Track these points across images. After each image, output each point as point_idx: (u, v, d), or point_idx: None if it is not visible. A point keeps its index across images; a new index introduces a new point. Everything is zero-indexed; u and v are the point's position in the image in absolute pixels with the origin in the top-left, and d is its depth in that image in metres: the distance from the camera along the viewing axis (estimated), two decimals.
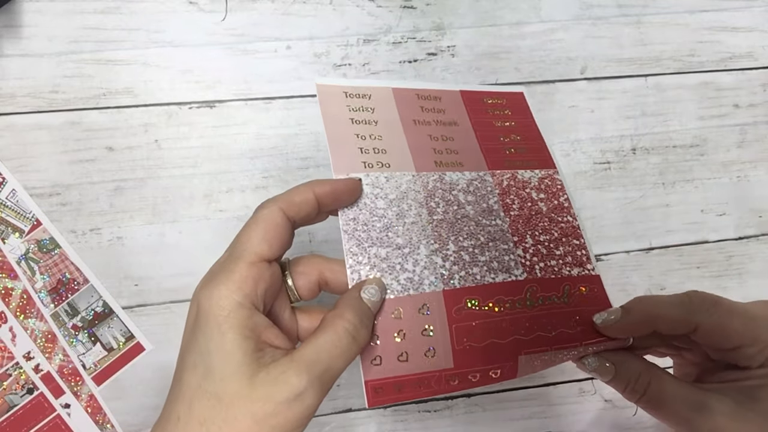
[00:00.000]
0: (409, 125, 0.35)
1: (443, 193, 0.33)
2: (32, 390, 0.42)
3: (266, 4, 0.47)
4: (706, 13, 0.51)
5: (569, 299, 0.33)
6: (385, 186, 0.32)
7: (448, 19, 0.48)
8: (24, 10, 0.44)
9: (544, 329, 0.31)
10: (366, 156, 0.33)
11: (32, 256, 0.43)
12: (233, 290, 0.26)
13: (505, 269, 0.32)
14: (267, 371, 0.25)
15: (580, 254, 0.34)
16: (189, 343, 0.27)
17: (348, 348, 0.27)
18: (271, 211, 0.28)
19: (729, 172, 0.50)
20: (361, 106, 0.34)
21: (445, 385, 0.30)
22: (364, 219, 0.31)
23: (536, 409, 0.47)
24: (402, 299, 0.30)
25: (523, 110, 0.39)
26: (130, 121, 0.45)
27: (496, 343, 0.30)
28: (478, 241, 0.32)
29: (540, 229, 0.34)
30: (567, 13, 0.50)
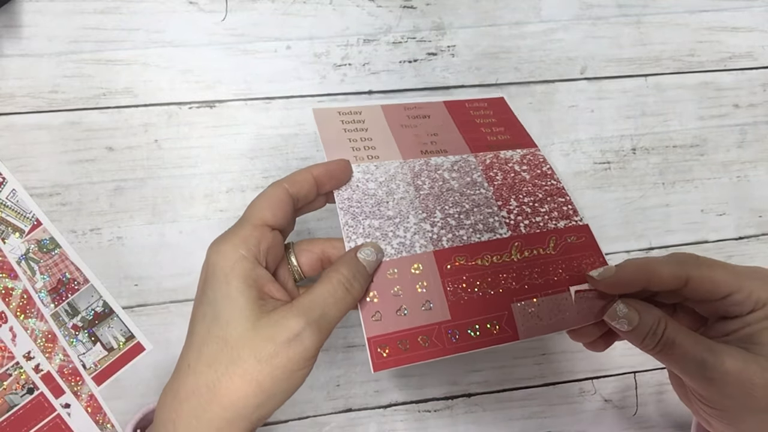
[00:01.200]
0: (396, 129, 0.39)
1: (429, 172, 0.37)
2: (32, 390, 0.42)
3: (266, 4, 0.47)
4: (706, 13, 0.51)
5: (556, 249, 0.35)
6: (375, 172, 0.36)
7: (448, 19, 0.48)
8: (24, 10, 0.44)
9: (531, 277, 0.34)
10: (357, 152, 0.37)
11: (32, 256, 0.43)
12: (238, 245, 0.29)
13: (490, 229, 0.35)
14: (269, 317, 0.28)
15: (567, 209, 0.36)
16: (200, 297, 0.30)
17: (342, 298, 0.30)
18: (275, 187, 0.32)
19: (729, 172, 0.50)
20: (353, 120, 0.39)
21: (447, 343, 0.32)
22: (357, 198, 0.35)
23: (536, 409, 0.47)
24: (396, 260, 0.33)
25: (505, 110, 0.43)
26: (130, 121, 0.45)
27: (488, 293, 0.33)
28: (463, 208, 0.35)
29: (524, 193, 0.37)
30: (567, 13, 0.50)
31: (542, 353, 0.47)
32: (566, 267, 0.34)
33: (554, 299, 0.33)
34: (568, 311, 0.33)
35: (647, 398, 0.48)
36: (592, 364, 0.47)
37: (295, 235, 0.47)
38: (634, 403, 0.48)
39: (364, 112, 0.40)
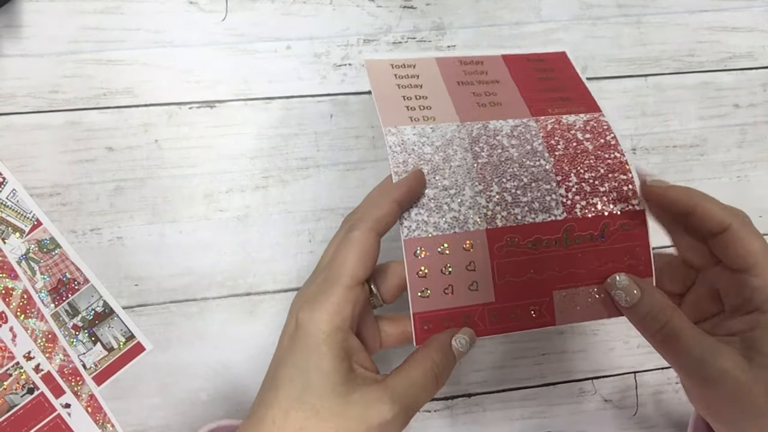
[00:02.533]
0: (452, 86, 0.37)
1: (487, 138, 0.35)
2: (32, 390, 0.42)
3: (266, 4, 0.47)
4: (706, 13, 0.51)
5: (606, 237, 0.34)
6: (431, 135, 0.34)
7: (448, 19, 0.48)
8: (24, 10, 0.44)
9: (576, 266, 0.33)
10: (412, 112, 0.35)
11: (32, 256, 0.43)
12: (332, 314, 0.29)
13: (546, 209, 0.34)
14: (361, 394, 0.28)
15: (626, 189, 0.35)
16: (286, 356, 0.30)
17: (431, 387, 0.30)
18: (363, 233, 0.30)
19: (729, 172, 0.50)
20: (406, 74, 0.37)
21: (488, 323, 0.32)
22: (412, 162, 0.33)
23: (536, 409, 0.47)
24: (448, 236, 0.32)
25: (567, 67, 0.40)
26: (130, 121, 0.45)
27: (533, 278, 0.33)
28: (521, 182, 0.34)
29: (585, 167, 0.35)
30: (567, 13, 0.50)
31: (542, 353, 0.47)
32: (613, 256, 0.34)
33: (594, 289, 0.33)
34: (608, 302, 0.33)
35: (647, 398, 0.48)
36: (592, 364, 0.47)
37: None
38: (634, 403, 0.48)
39: (418, 65, 0.38)
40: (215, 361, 0.44)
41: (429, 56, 0.39)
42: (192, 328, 0.44)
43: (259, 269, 0.45)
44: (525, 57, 0.40)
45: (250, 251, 0.45)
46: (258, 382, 0.42)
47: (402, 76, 0.37)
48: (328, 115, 0.46)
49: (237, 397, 0.44)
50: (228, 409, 0.44)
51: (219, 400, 0.44)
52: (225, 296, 0.44)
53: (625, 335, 0.48)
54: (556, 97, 0.38)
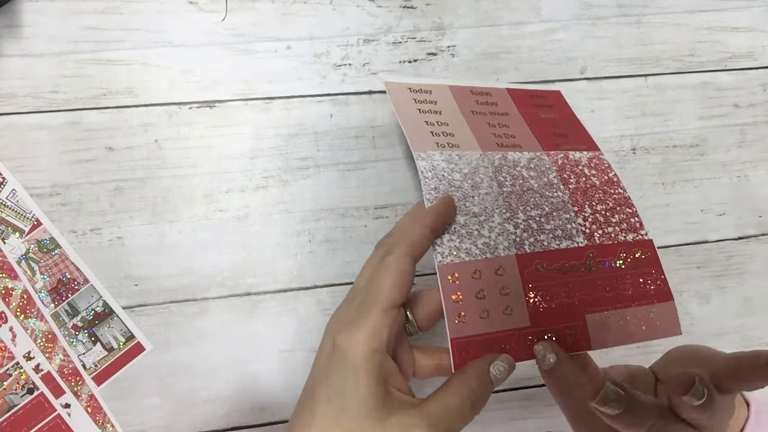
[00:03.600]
0: (468, 115, 0.39)
1: (509, 168, 0.37)
2: (32, 390, 0.42)
3: (266, 4, 0.47)
4: (706, 13, 0.51)
5: (625, 263, 0.35)
6: (459, 162, 0.36)
7: (448, 19, 0.48)
8: (24, 10, 0.44)
9: (604, 290, 0.34)
10: (437, 138, 0.36)
11: (32, 256, 0.43)
12: (370, 337, 0.29)
13: (568, 236, 0.35)
14: (397, 418, 0.28)
15: (634, 221, 0.37)
16: (322, 376, 0.30)
17: (468, 414, 0.30)
18: (399, 258, 0.31)
19: (729, 172, 0.50)
20: (425, 99, 0.39)
21: (524, 348, 0.32)
22: (444, 189, 0.34)
23: (536, 409, 0.47)
24: (480, 262, 0.33)
25: (563, 104, 0.43)
26: (130, 121, 0.45)
27: (565, 302, 0.33)
28: (543, 211, 0.35)
29: (596, 200, 0.37)
30: (567, 13, 0.50)
31: None
32: (633, 282, 0.35)
33: (621, 314, 0.34)
34: (633, 327, 0.34)
35: None
36: None
37: None
38: None
39: (434, 91, 0.39)
40: (215, 361, 0.44)
41: (442, 84, 0.40)
42: (192, 328, 0.44)
43: (259, 269, 0.45)
44: (525, 92, 0.43)
45: (250, 251, 0.45)
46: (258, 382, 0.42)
47: (421, 101, 0.39)
48: (328, 115, 0.46)
49: (237, 397, 0.44)
50: (228, 409, 0.44)
51: (219, 400, 0.44)
52: (225, 296, 0.44)
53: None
54: (560, 133, 0.40)
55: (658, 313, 0.35)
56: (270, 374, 0.44)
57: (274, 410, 0.44)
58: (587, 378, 0.32)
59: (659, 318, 0.35)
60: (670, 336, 0.35)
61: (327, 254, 0.45)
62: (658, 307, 0.35)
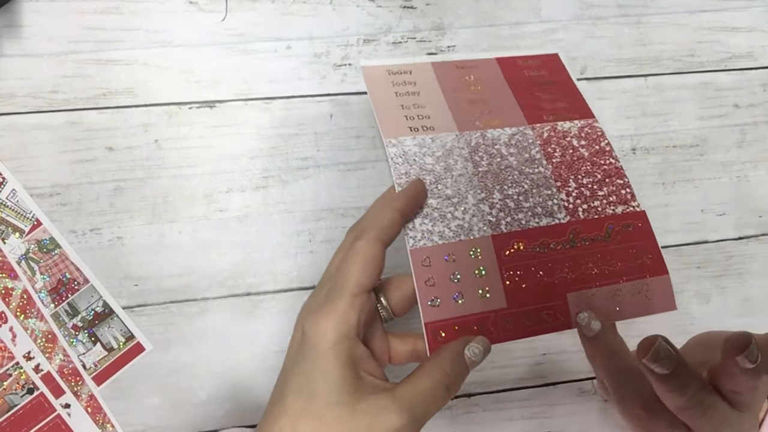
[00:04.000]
0: (449, 93, 0.38)
1: (486, 147, 0.36)
2: (32, 390, 0.42)
3: (266, 4, 0.47)
4: (706, 13, 0.51)
5: (612, 237, 0.34)
6: (431, 145, 0.35)
7: (448, 19, 0.48)
8: (24, 10, 0.44)
9: (588, 267, 0.33)
10: (411, 122, 0.36)
11: (32, 256, 0.43)
12: (338, 322, 0.29)
13: (549, 213, 0.34)
14: (369, 402, 0.28)
15: (624, 192, 0.36)
16: (293, 366, 0.29)
17: (442, 397, 0.29)
18: (368, 243, 0.30)
19: (729, 172, 0.50)
20: (403, 81, 0.38)
21: (501, 329, 0.32)
22: (414, 173, 0.34)
23: (536, 409, 0.47)
24: (455, 244, 0.32)
25: (559, 69, 0.41)
26: (130, 121, 0.45)
27: (544, 281, 0.33)
28: (522, 189, 0.35)
29: (583, 173, 0.36)
30: (567, 13, 0.50)
31: (542, 353, 0.47)
32: (622, 257, 0.34)
33: (609, 290, 0.33)
34: (622, 303, 0.33)
35: None
36: None
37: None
38: None
39: (414, 71, 0.38)
40: (215, 361, 0.44)
41: (425, 61, 0.39)
42: (192, 328, 0.44)
43: (259, 269, 0.45)
44: (518, 59, 0.41)
45: (250, 251, 0.45)
46: (258, 382, 0.42)
47: (399, 83, 0.37)
48: (328, 115, 0.46)
49: (237, 397, 0.44)
50: (228, 409, 0.44)
51: (219, 400, 0.44)
52: (225, 296, 0.44)
53: (625, 335, 0.48)
54: (551, 102, 0.39)
55: (651, 288, 0.34)
56: (270, 374, 0.44)
57: None
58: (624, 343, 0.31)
59: (652, 293, 0.34)
60: (663, 311, 0.34)
61: (327, 254, 0.45)
62: (652, 282, 0.34)
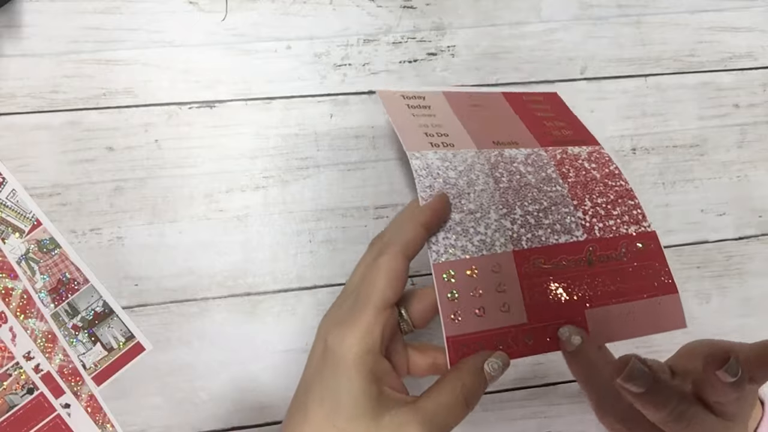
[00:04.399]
0: (463, 116, 0.39)
1: (505, 165, 0.36)
2: (32, 390, 0.42)
3: (266, 4, 0.47)
4: (706, 13, 0.51)
5: (627, 256, 0.35)
6: (453, 160, 0.35)
7: (448, 19, 0.48)
8: (24, 10, 0.44)
9: (605, 284, 0.34)
10: (431, 138, 0.36)
11: (32, 256, 0.43)
12: (362, 337, 0.29)
13: (567, 231, 0.35)
14: (391, 417, 0.28)
15: (636, 213, 0.37)
16: (315, 377, 0.30)
17: (461, 411, 0.29)
18: (393, 258, 0.30)
19: (729, 172, 0.50)
20: (418, 105, 0.39)
21: (522, 345, 0.32)
22: (438, 187, 0.34)
23: (536, 409, 0.47)
24: (476, 259, 0.33)
25: (561, 105, 0.43)
26: (130, 121, 0.45)
27: (563, 298, 0.33)
28: (541, 206, 0.35)
29: (597, 193, 0.37)
30: (567, 13, 0.50)
31: None
32: (636, 275, 0.35)
33: (623, 308, 0.34)
34: (635, 320, 0.34)
35: None
36: None
37: None
38: None
39: (427, 97, 0.39)
40: (215, 361, 0.44)
41: (436, 90, 0.40)
42: (192, 328, 0.44)
43: (259, 269, 0.45)
44: (521, 95, 0.42)
45: (250, 251, 0.45)
46: (258, 382, 0.42)
47: (414, 106, 0.38)
48: (328, 115, 0.46)
49: (237, 397, 0.44)
50: (228, 409, 0.44)
51: (219, 399, 0.44)
52: (225, 296, 0.44)
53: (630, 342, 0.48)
54: (558, 130, 0.40)
55: (662, 306, 0.34)
56: (270, 374, 0.44)
57: (274, 410, 0.44)
58: (610, 359, 0.32)
59: (663, 311, 0.34)
60: (674, 329, 0.35)
61: (327, 254, 0.45)
62: (663, 300, 0.34)
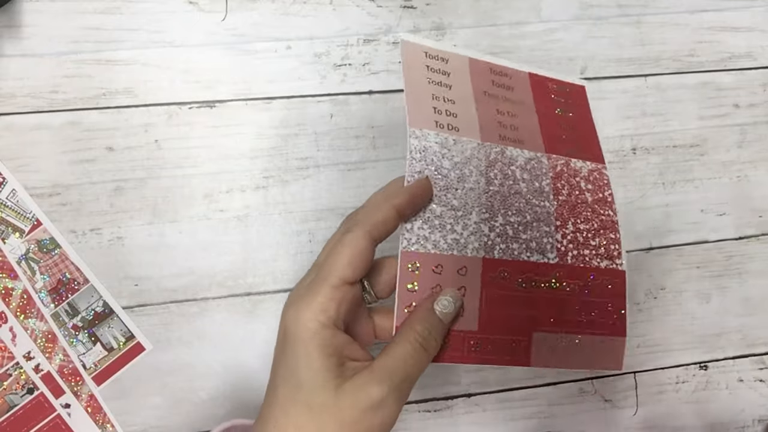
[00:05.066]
0: (479, 96, 0.37)
1: (502, 166, 0.35)
2: (32, 390, 0.42)
3: (266, 4, 0.47)
4: (706, 13, 0.51)
5: (590, 290, 0.34)
6: (453, 148, 0.34)
7: (448, 19, 0.48)
8: (24, 10, 0.44)
9: (559, 312, 0.33)
10: (438, 116, 0.34)
11: (32, 256, 0.43)
12: (317, 312, 0.29)
13: (541, 251, 0.34)
14: (351, 382, 0.28)
15: (613, 248, 0.36)
16: (279, 358, 0.30)
17: (421, 358, 0.30)
18: (357, 236, 0.30)
19: (729, 172, 0.50)
20: (439, 69, 0.36)
21: (465, 351, 0.32)
22: (428, 174, 0.33)
23: (536, 409, 0.47)
24: (445, 257, 0.32)
25: (583, 104, 0.41)
26: (130, 121, 0.45)
27: (516, 315, 0.33)
28: (524, 219, 0.34)
29: (582, 218, 0.36)
30: (567, 13, 0.50)
31: None
32: (593, 310, 0.34)
33: (572, 338, 0.34)
34: (579, 353, 0.34)
35: (647, 398, 0.48)
36: None
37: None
38: (634, 403, 0.48)
39: (450, 60, 0.37)
40: (215, 361, 0.44)
41: (462, 54, 0.38)
42: (192, 328, 0.44)
43: (259, 269, 0.45)
44: (548, 80, 0.40)
45: (250, 251, 0.45)
46: (258, 382, 0.42)
47: (434, 69, 0.36)
48: (328, 115, 0.46)
49: (237, 397, 0.44)
50: (228, 408, 0.44)
51: (219, 399, 0.44)
52: (225, 296, 0.44)
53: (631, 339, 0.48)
54: (569, 136, 0.39)
55: (606, 345, 0.34)
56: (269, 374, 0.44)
57: None
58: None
59: (607, 350, 0.34)
60: (609, 369, 0.35)
61: None
62: (610, 340, 0.34)
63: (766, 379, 0.49)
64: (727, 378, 0.49)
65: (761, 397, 0.49)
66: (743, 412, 0.49)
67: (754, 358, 0.49)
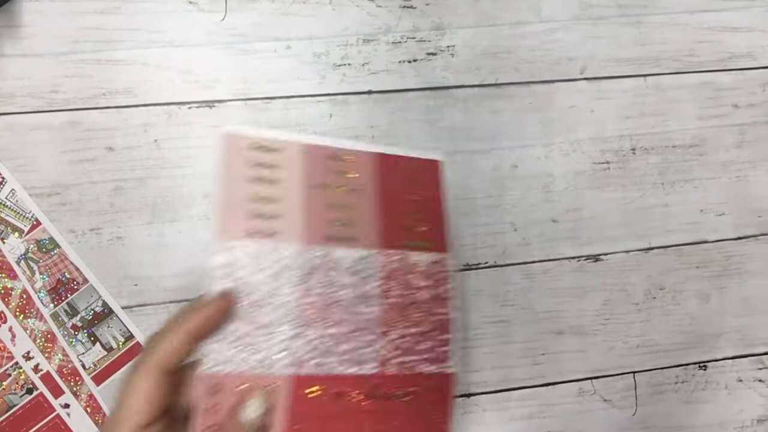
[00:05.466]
0: (312, 189, 0.34)
1: (326, 271, 0.33)
2: (32, 390, 0.42)
3: (266, 4, 0.47)
4: (706, 13, 0.51)
5: (411, 396, 0.33)
6: (267, 258, 0.32)
7: (448, 19, 0.48)
8: (24, 10, 0.44)
9: (380, 424, 0.32)
10: (255, 221, 0.32)
11: (32, 255, 0.43)
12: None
13: (359, 362, 0.32)
14: None
15: (442, 350, 0.34)
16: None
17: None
18: (145, 375, 0.28)
19: (728, 172, 0.50)
20: (266, 162, 0.33)
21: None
22: (236, 290, 0.30)
23: (536, 409, 0.47)
24: (251, 376, 0.30)
25: (435, 182, 0.38)
26: (129, 121, 0.45)
27: (334, 431, 0.31)
28: (342, 330, 0.32)
29: (412, 321, 0.34)
30: (567, 13, 0.50)
31: (542, 353, 0.47)
32: (412, 419, 0.33)
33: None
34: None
35: (647, 398, 0.48)
36: (591, 364, 0.47)
37: None
38: (634, 403, 0.48)
39: (282, 150, 0.34)
40: None
41: (299, 142, 0.34)
42: None
43: None
44: (399, 160, 0.37)
45: None
46: None
47: (260, 163, 0.33)
48: (327, 115, 0.46)
49: None
50: None
51: None
52: None
53: (625, 335, 0.48)
54: (413, 223, 0.36)
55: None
56: None
57: None
58: None
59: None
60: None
61: None
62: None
63: (765, 379, 0.49)
64: (727, 378, 0.49)
65: (760, 397, 0.49)
66: (742, 412, 0.49)
67: (753, 358, 0.49)
